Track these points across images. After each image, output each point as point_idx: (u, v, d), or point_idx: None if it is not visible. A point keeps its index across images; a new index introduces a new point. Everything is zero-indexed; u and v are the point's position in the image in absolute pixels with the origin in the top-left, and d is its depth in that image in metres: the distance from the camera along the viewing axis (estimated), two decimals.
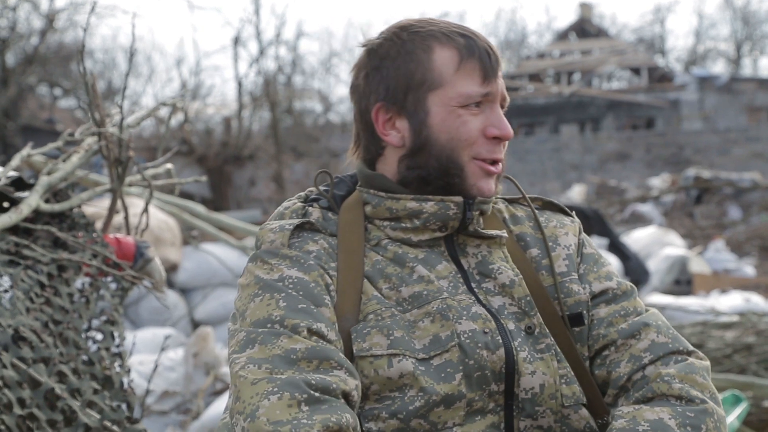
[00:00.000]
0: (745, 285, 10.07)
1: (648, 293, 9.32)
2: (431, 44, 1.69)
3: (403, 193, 1.70)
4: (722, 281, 10.45)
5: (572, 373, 1.67)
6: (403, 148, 1.71)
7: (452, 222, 1.70)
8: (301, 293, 1.61)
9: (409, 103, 1.70)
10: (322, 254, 1.68)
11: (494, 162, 1.70)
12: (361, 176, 1.76)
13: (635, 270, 10.16)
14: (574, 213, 1.87)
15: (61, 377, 2.45)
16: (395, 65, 1.70)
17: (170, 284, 7.06)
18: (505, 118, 1.70)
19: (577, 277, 1.75)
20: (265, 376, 1.49)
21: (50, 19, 23.27)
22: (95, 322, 2.78)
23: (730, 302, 7.79)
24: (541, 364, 1.64)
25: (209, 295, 7.07)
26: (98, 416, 2.43)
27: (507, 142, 1.73)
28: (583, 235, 1.84)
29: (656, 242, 11.96)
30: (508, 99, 1.73)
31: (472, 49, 1.68)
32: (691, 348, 1.69)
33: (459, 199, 1.68)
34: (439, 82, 1.68)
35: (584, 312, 1.72)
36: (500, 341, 1.62)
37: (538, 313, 1.68)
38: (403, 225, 1.70)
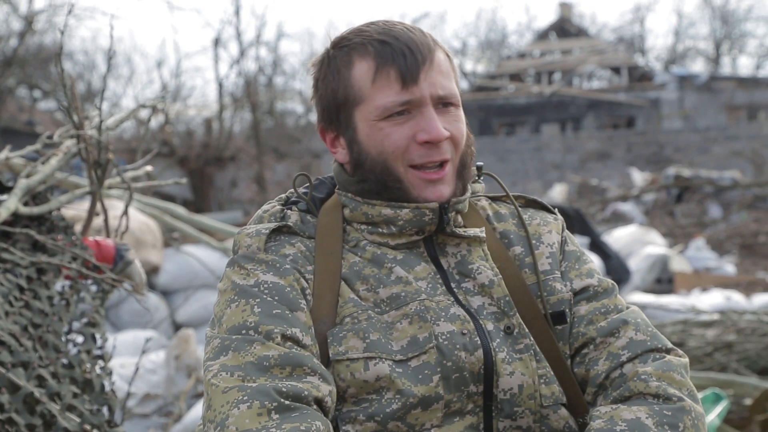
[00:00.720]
0: (725, 283, 10.12)
1: (629, 292, 9.34)
2: (352, 58, 1.68)
3: (378, 200, 1.70)
4: (703, 280, 10.49)
5: (551, 373, 1.67)
6: (350, 163, 1.72)
7: (429, 227, 1.70)
8: (276, 298, 1.61)
9: (342, 121, 1.71)
10: (298, 258, 1.68)
11: (435, 166, 1.67)
12: (338, 179, 1.77)
13: (616, 269, 10.18)
14: (557, 210, 1.87)
15: (41, 381, 2.44)
16: (324, 85, 1.71)
17: (151, 286, 7.04)
18: (435, 120, 1.65)
19: (559, 275, 1.75)
20: (237, 384, 1.49)
21: (29, 21, 23.14)
22: (76, 325, 2.76)
23: (710, 300, 7.83)
24: (520, 364, 1.64)
25: (191, 297, 7.04)
26: (78, 420, 2.41)
27: (461, 139, 1.69)
28: (566, 232, 1.84)
29: (637, 241, 11.99)
30: (448, 95, 1.68)
31: (386, 56, 1.65)
32: (670, 345, 1.69)
33: (434, 204, 1.67)
34: (360, 98, 1.67)
35: (567, 310, 1.72)
36: (478, 342, 1.62)
37: (518, 314, 1.68)
38: (380, 230, 1.71)
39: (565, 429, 1.67)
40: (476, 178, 1.83)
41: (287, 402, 1.47)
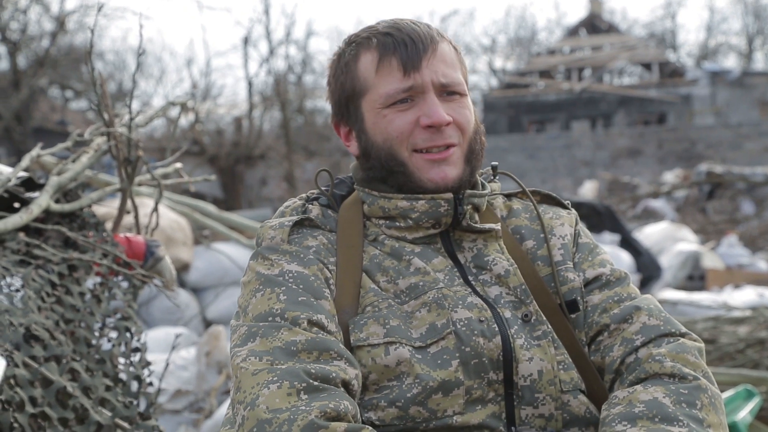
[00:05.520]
0: (758, 280, 10.01)
1: (661, 289, 9.28)
2: (359, 52, 1.75)
3: (384, 186, 1.75)
4: (735, 276, 10.40)
5: (570, 360, 1.70)
6: (360, 153, 1.79)
7: (445, 218, 1.73)
8: (301, 286, 1.65)
9: (351, 113, 1.77)
10: (321, 249, 1.72)
11: (443, 147, 1.71)
12: (355, 176, 1.83)
13: (648, 266, 10.12)
14: (569, 203, 1.92)
15: (74, 375, 2.46)
16: (335, 81, 1.79)
17: (182, 284, 7.07)
18: (437, 105, 1.70)
19: (572, 265, 1.79)
20: (266, 367, 1.53)
21: (61, 21, 23.35)
22: (109, 320, 2.79)
23: (743, 297, 7.76)
24: (538, 350, 1.67)
25: (221, 294, 7.07)
26: (110, 414, 2.43)
27: (467, 125, 1.73)
28: (580, 225, 1.88)
29: (669, 238, 11.91)
30: (451, 83, 1.72)
31: (388, 46, 1.71)
32: (684, 330, 1.72)
33: (449, 195, 1.71)
34: (365, 88, 1.73)
35: (578, 298, 1.76)
36: (496, 329, 1.66)
37: (534, 301, 1.71)
38: (398, 224, 1.75)
39: (586, 414, 1.68)
40: (492, 177, 1.89)
41: (316, 383, 1.50)
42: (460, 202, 1.72)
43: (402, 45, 1.70)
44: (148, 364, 2.73)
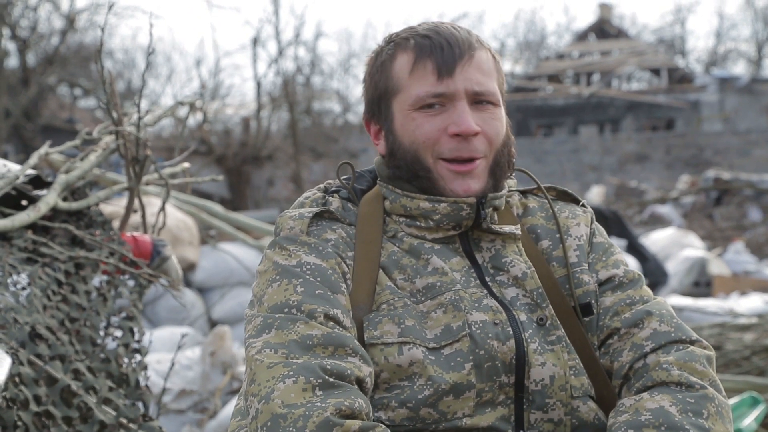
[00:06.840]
0: (765, 287, 9.99)
1: (667, 295, 9.26)
2: (396, 52, 1.74)
3: (408, 188, 1.74)
4: (742, 283, 10.37)
5: (581, 365, 1.69)
6: (386, 152, 1.77)
7: (466, 221, 1.72)
8: (318, 279, 1.64)
9: (382, 112, 1.76)
10: (339, 243, 1.71)
11: (465, 160, 1.70)
12: (378, 172, 1.81)
13: (654, 271, 10.11)
14: (585, 201, 1.89)
15: (77, 374, 2.46)
16: (371, 79, 1.78)
17: (188, 283, 7.08)
18: (467, 114, 1.68)
19: (587, 267, 1.77)
20: (281, 361, 1.53)
21: (71, 19, 23.40)
22: (114, 320, 2.79)
23: (749, 304, 7.74)
24: (551, 355, 1.66)
25: (226, 295, 7.08)
26: (114, 413, 2.43)
27: (495, 137, 1.71)
28: (595, 224, 1.86)
29: (675, 244, 11.89)
30: (484, 91, 1.71)
31: (424, 49, 1.70)
32: (695, 337, 1.71)
33: (472, 199, 1.70)
34: (398, 88, 1.72)
35: (592, 302, 1.74)
36: (510, 332, 1.65)
37: (550, 305, 1.70)
38: (418, 224, 1.74)
39: (595, 421, 1.68)
40: (508, 174, 1.85)
41: (331, 379, 1.50)
42: (482, 206, 1.71)
43: (438, 49, 1.69)
44: (146, 368, 2.73)
